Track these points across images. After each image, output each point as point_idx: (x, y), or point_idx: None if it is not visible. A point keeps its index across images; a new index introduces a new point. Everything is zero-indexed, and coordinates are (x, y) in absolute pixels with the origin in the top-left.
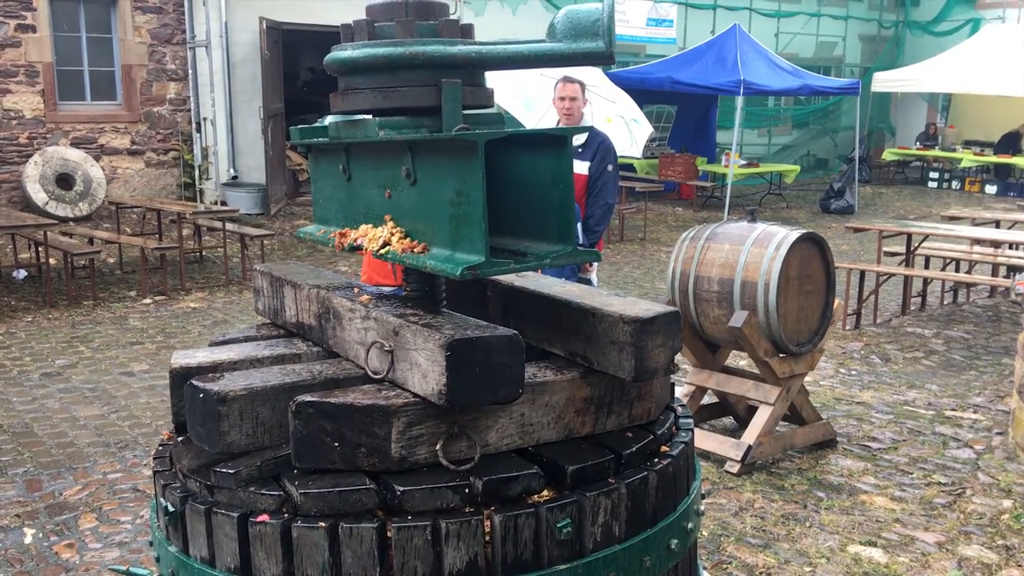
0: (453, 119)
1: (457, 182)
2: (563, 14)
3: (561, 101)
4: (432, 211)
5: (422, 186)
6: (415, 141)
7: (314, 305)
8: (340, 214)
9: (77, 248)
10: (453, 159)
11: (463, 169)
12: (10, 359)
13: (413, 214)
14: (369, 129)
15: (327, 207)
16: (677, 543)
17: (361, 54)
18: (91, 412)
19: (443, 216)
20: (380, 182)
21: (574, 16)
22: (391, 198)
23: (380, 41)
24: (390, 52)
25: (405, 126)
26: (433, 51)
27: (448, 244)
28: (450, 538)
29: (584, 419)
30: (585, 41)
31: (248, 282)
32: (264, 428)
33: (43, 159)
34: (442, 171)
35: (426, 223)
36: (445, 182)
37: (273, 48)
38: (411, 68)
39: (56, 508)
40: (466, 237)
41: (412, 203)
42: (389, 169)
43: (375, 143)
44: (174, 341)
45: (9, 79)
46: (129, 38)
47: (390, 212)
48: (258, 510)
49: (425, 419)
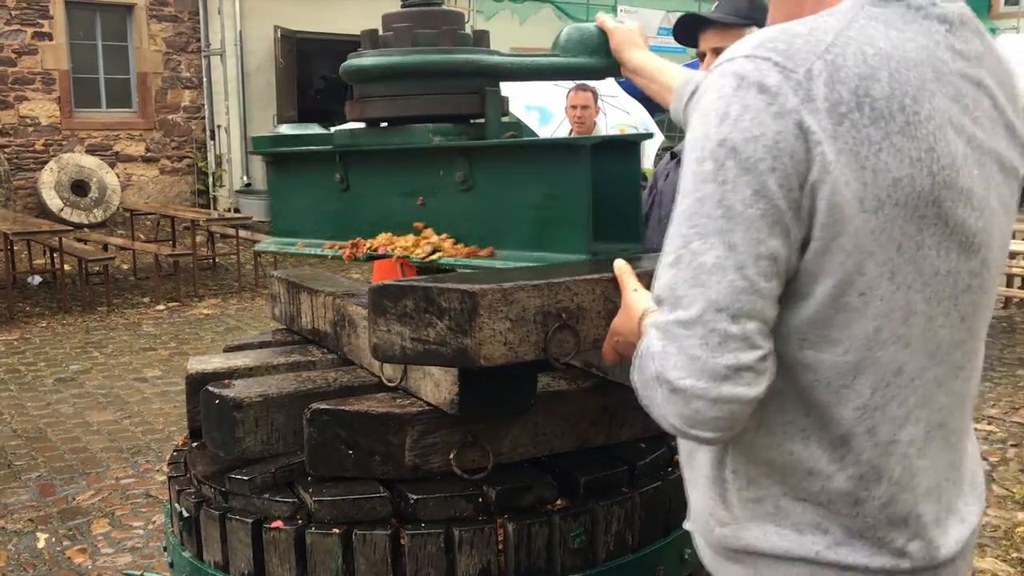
0: (495, 126)
1: (546, 186)
2: (569, 29)
3: (573, 109)
4: (499, 216)
5: (482, 191)
6: (471, 147)
7: (330, 312)
8: (327, 225)
9: (91, 254)
10: (539, 164)
11: (557, 173)
12: (24, 364)
13: (465, 219)
14: (417, 135)
15: (301, 219)
16: (690, 553)
17: (415, 60)
18: (104, 417)
19: (519, 220)
20: (406, 189)
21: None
22: (425, 205)
23: (423, 48)
24: (446, 59)
25: (455, 133)
26: (479, 60)
27: (528, 247)
28: (463, 546)
29: (598, 429)
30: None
31: (260, 289)
32: (279, 435)
33: (59, 166)
34: (516, 176)
35: (488, 228)
36: (524, 187)
37: (287, 56)
38: (458, 76)
39: (69, 513)
40: (559, 239)
41: (464, 209)
42: (425, 176)
43: (411, 150)
44: (187, 347)
45: (26, 86)
46: (144, 46)
47: (424, 220)
48: (272, 516)
49: (439, 428)
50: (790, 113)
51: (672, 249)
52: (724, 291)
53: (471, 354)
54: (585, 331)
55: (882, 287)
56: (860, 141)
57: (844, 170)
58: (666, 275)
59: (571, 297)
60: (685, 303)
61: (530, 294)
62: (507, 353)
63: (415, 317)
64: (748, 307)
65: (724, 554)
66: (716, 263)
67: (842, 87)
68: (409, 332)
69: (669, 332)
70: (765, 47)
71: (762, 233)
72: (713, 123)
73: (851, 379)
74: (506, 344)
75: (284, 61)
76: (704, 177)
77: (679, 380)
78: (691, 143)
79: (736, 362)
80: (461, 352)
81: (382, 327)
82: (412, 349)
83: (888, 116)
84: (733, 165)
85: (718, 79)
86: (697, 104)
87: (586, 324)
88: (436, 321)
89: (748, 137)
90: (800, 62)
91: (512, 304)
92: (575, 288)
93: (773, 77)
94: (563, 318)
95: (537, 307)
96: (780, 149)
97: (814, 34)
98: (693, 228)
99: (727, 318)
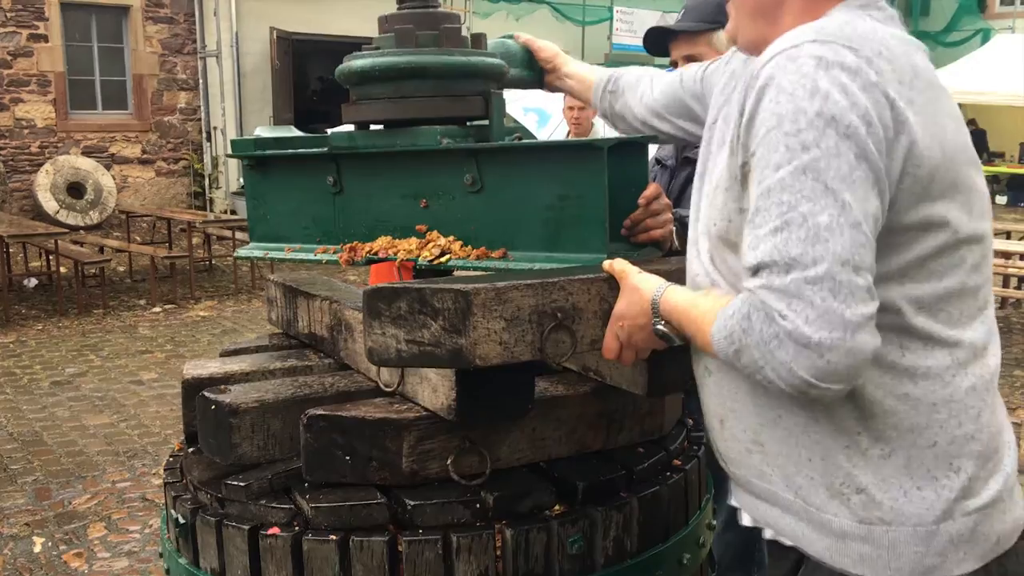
0: (499, 127)
1: (559, 187)
2: (494, 44)
3: (570, 111)
4: (510, 217)
5: (492, 193)
6: (482, 149)
7: (326, 316)
8: (316, 229)
9: (87, 257)
10: (552, 165)
11: (573, 174)
12: (20, 367)
13: (473, 222)
14: (424, 137)
15: (285, 224)
16: (689, 558)
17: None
18: (100, 421)
19: (532, 221)
20: (408, 192)
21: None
22: (429, 208)
23: (428, 49)
24: (462, 61)
25: (462, 135)
26: (480, 62)
27: (542, 248)
28: (461, 552)
29: (596, 434)
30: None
31: (257, 291)
32: (275, 440)
33: (54, 168)
34: (528, 177)
35: (498, 230)
36: (537, 188)
37: (283, 58)
38: (466, 78)
39: (65, 517)
40: (575, 239)
41: (472, 211)
42: (428, 178)
43: (415, 152)
44: (183, 350)
45: (21, 88)
46: (140, 48)
47: (427, 222)
48: (269, 523)
49: (436, 433)
50: (875, 86)
51: (774, 216)
52: (847, 245)
53: (466, 354)
54: (581, 331)
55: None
56: (925, 104)
57: (922, 131)
58: (771, 240)
59: (566, 296)
60: (808, 260)
61: (524, 293)
62: (502, 353)
63: (409, 319)
64: (868, 260)
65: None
66: (832, 221)
67: (897, 63)
68: (404, 334)
69: (793, 290)
70: (824, 34)
71: (868, 191)
72: (803, 97)
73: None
74: (501, 344)
75: (280, 63)
76: (805, 146)
77: (814, 334)
78: (774, 119)
79: (866, 312)
80: (456, 352)
81: (377, 330)
82: (407, 351)
83: (930, 84)
84: (833, 133)
85: (789, 62)
86: (761, 89)
87: (582, 324)
88: (430, 322)
89: (844, 107)
90: (860, 45)
91: (506, 303)
92: (570, 288)
93: (849, 57)
94: (558, 317)
95: (532, 307)
96: (872, 117)
97: (849, 26)
98: (798, 194)
99: (852, 271)
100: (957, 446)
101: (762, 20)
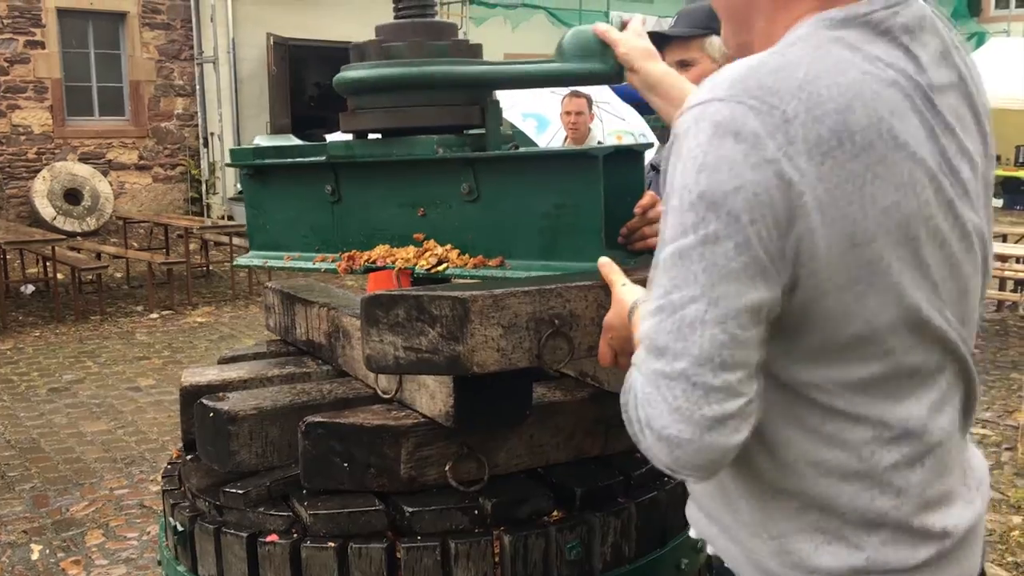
0: (496, 136)
1: (555, 195)
2: (570, 34)
3: (567, 116)
4: (507, 226)
5: (489, 202)
6: (478, 158)
7: (324, 323)
8: (315, 238)
9: (84, 263)
10: (548, 174)
11: (569, 182)
12: (17, 374)
13: (470, 230)
14: (421, 147)
15: (284, 232)
16: (687, 563)
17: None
18: (98, 427)
19: (528, 229)
20: (406, 201)
21: (580, 36)
22: (426, 216)
23: (424, 60)
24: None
25: (458, 144)
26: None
27: (538, 256)
28: (459, 559)
29: (594, 440)
30: (593, 61)
31: (255, 297)
32: (273, 448)
33: (51, 174)
34: (525, 186)
35: (495, 238)
36: (533, 196)
37: (280, 64)
38: (463, 87)
39: (63, 524)
40: (572, 248)
41: (468, 220)
42: (425, 187)
43: (411, 161)
44: (181, 356)
45: (18, 95)
46: (137, 54)
47: (424, 231)
48: (267, 530)
49: (434, 440)
50: (769, 163)
51: (655, 297)
52: (706, 346)
53: (464, 361)
54: (579, 338)
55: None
56: (845, 178)
57: (830, 212)
58: (648, 321)
59: (563, 303)
60: (668, 355)
61: (521, 300)
62: (500, 360)
63: (407, 326)
64: (730, 359)
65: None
66: (697, 317)
67: (820, 126)
68: (401, 341)
69: (654, 380)
70: (738, 88)
71: (744, 285)
72: (691, 173)
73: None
74: (499, 351)
75: (277, 68)
76: (684, 229)
77: (664, 429)
78: (671, 189)
79: (721, 412)
80: (454, 359)
81: (375, 337)
82: (405, 358)
83: (868, 146)
84: (714, 218)
85: (693, 124)
86: (671, 146)
87: (579, 331)
88: (428, 329)
89: (727, 190)
90: (775, 104)
91: (504, 310)
92: (567, 295)
93: (749, 123)
94: (556, 324)
95: (529, 313)
96: (760, 201)
97: (786, 70)
98: (674, 280)
99: (709, 372)
100: (868, 521)
101: (738, 26)
